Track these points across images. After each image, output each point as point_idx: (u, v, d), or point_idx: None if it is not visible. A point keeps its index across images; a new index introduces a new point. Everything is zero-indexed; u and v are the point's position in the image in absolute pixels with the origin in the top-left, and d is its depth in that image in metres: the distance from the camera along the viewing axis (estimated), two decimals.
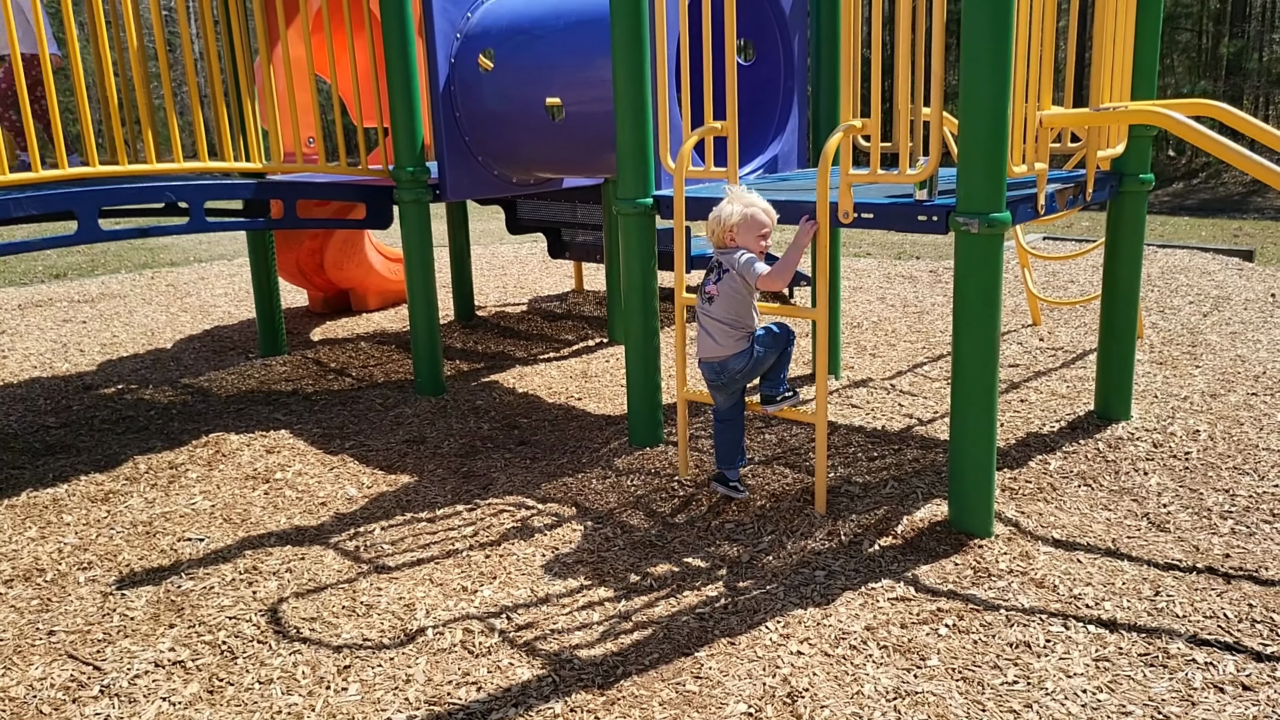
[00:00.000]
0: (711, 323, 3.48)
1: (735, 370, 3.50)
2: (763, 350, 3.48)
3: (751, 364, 3.48)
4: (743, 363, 3.48)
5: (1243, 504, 3.51)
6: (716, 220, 3.42)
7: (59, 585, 3.21)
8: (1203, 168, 21.99)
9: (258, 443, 4.47)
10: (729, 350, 3.47)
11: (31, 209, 3.94)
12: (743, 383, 3.57)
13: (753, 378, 3.56)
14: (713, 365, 3.53)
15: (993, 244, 3.07)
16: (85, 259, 10.88)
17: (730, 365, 3.49)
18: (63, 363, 6.21)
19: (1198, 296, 6.90)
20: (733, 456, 3.66)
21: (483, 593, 3.06)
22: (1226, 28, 23.59)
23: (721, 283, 3.44)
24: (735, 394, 3.62)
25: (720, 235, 3.43)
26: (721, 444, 3.67)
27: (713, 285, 3.47)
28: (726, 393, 3.61)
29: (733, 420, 3.64)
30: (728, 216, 3.39)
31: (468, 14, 5.03)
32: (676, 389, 3.88)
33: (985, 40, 2.92)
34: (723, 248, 3.45)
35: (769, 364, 3.53)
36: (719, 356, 3.49)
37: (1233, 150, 3.09)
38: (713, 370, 3.54)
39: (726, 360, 3.49)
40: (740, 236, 3.39)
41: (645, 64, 3.86)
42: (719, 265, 3.46)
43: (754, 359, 3.47)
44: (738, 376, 3.52)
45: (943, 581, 3.01)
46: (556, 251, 7.27)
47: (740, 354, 3.47)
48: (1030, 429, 4.34)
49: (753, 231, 3.38)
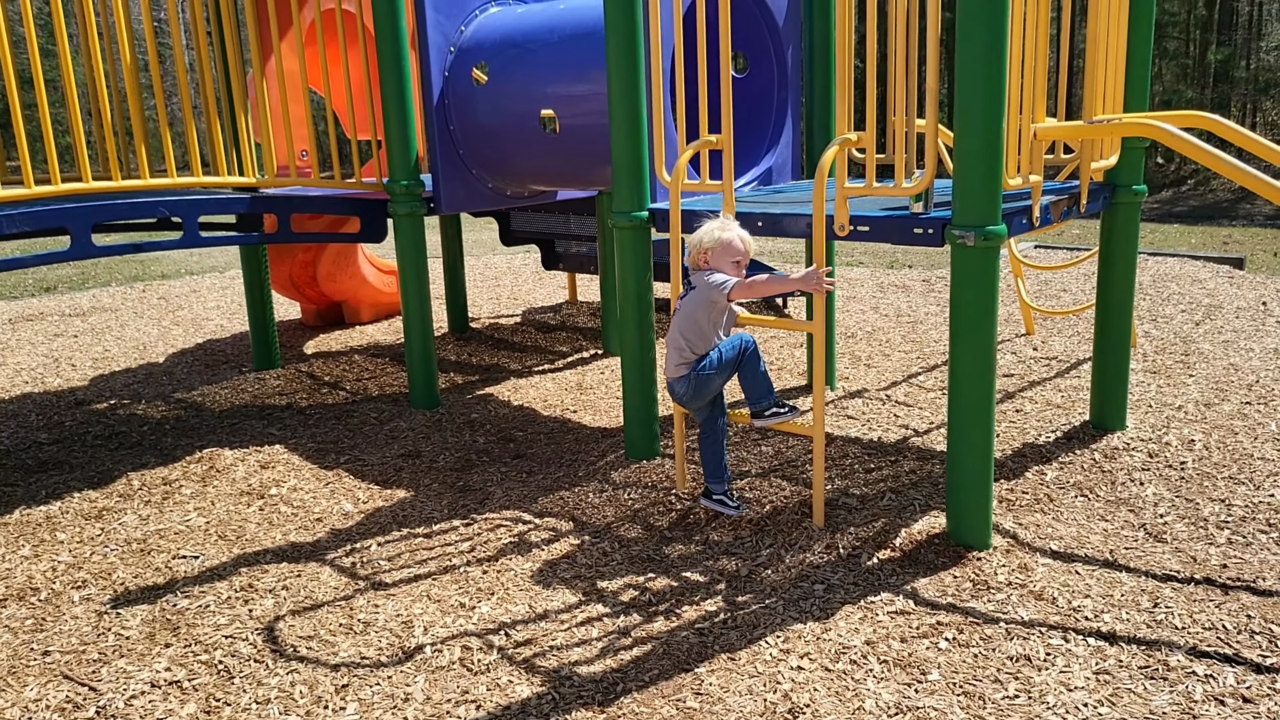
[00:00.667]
0: (670, 337, 3.55)
1: (679, 393, 3.57)
2: (708, 372, 3.47)
3: (692, 389, 3.51)
4: (683, 387, 3.53)
5: (1239, 514, 3.52)
6: (693, 243, 3.47)
7: (53, 604, 3.18)
8: (1191, 175, 22.11)
9: (252, 458, 4.45)
10: (671, 374, 3.55)
11: (25, 226, 3.93)
12: (693, 404, 3.59)
13: (700, 400, 3.56)
14: (668, 383, 3.61)
15: (989, 256, 3.08)
16: (76, 272, 10.85)
17: (674, 388, 3.57)
18: (54, 378, 6.17)
19: (1190, 305, 6.93)
20: (714, 470, 3.62)
21: (481, 609, 3.04)
22: (1214, 36, 23.75)
23: (685, 299, 3.49)
24: (703, 409, 3.61)
25: (694, 257, 3.47)
26: (703, 457, 3.65)
27: (679, 300, 3.55)
28: (691, 408, 3.64)
29: (709, 434, 3.62)
30: (702, 237, 3.43)
31: (461, 27, 5.03)
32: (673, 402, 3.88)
33: (980, 53, 2.93)
34: (697, 269, 3.48)
35: (720, 383, 3.53)
36: (668, 375, 3.58)
37: (1226, 162, 3.11)
38: (668, 387, 3.62)
39: (671, 383, 3.57)
40: (714, 259, 3.42)
41: (640, 77, 3.87)
42: (688, 284, 3.51)
43: (693, 384, 3.50)
44: (684, 398, 3.57)
45: (942, 594, 3.00)
46: (550, 263, 7.27)
47: (680, 379, 3.53)
48: (1026, 439, 4.34)
49: (727, 257, 3.40)
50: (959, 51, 2.98)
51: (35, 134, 14.20)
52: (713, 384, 3.52)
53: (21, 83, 4.07)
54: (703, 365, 3.47)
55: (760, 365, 3.51)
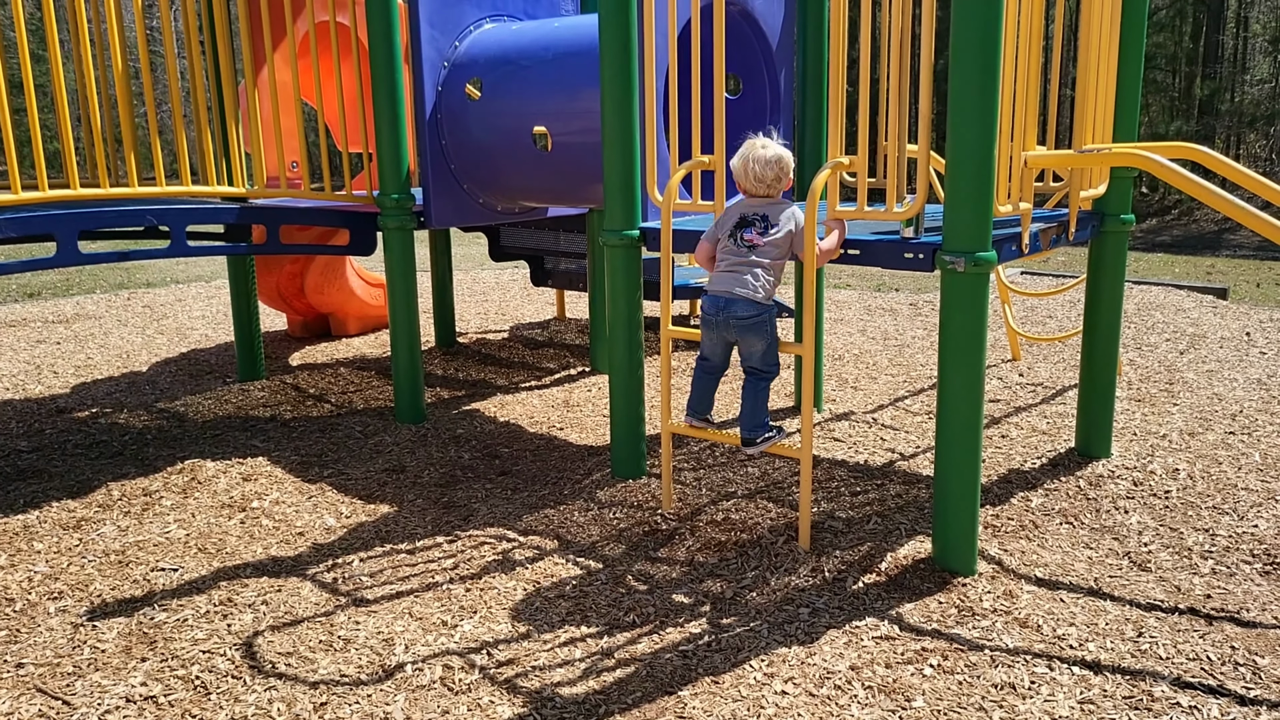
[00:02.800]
0: (742, 263, 3.34)
1: (740, 316, 3.33)
2: (768, 325, 3.36)
3: (752, 326, 3.33)
4: (749, 311, 3.32)
5: (1223, 544, 3.52)
6: (770, 163, 3.29)
7: (28, 615, 3.13)
8: (1175, 205, 22.31)
9: (234, 470, 4.41)
10: (748, 293, 3.31)
11: (10, 231, 3.89)
12: (730, 337, 3.44)
13: (741, 340, 3.40)
14: (719, 299, 3.37)
15: (978, 282, 3.08)
16: (60, 279, 10.77)
17: (737, 310, 3.33)
18: (36, 385, 6.11)
19: (1174, 334, 6.97)
20: (701, 404, 3.62)
21: (463, 627, 3.01)
22: (1199, 69, 24.02)
23: (769, 236, 3.32)
24: (720, 344, 3.51)
25: (775, 185, 3.32)
26: (694, 386, 3.62)
27: (757, 235, 3.33)
28: (716, 339, 3.49)
29: (708, 370, 3.58)
30: (781, 156, 3.29)
31: (456, 42, 5.04)
32: (661, 421, 3.86)
33: (972, 81, 2.95)
34: (766, 198, 3.35)
35: (765, 341, 3.39)
36: (730, 292, 3.34)
37: (1213, 193, 3.13)
38: (716, 304, 3.39)
39: (737, 304, 3.33)
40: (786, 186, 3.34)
41: (634, 97, 3.88)
42: (764, 218, 3.33)
43: (756, 326, 3.34)
44: (733, 324, 3.36)
45: (927, 620, 2.99)
46: (539, 279, 7.26)
47: (755, 303, 3.32)
48: (1012, 465, 4.35)
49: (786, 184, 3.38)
50: (952, 79, 3.00)
51: (24, 139, 14.09)
52: (765, 336, 3.37)
53: (11, 87, 4.04)
54: (773, 311, 3.37)
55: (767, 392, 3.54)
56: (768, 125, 4.89)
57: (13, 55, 18.16)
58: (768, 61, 4.81)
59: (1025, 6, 3.22)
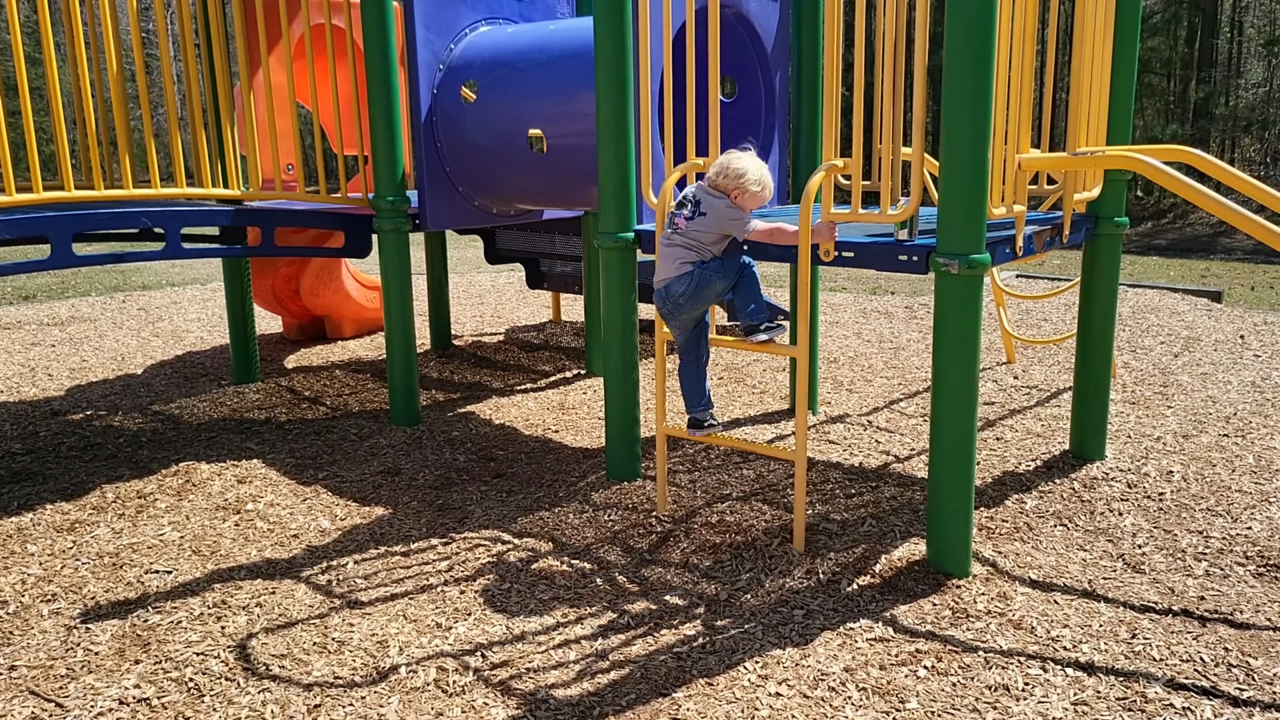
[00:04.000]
0: (668, 249, 3.50)
1: (677, 294, 3.47)
2: (709, 275, 3.44)
3: (691, 288, 3.44)
4: (682, 285, 3.45)
5: (1216, 546, 3.53)
6: (729, 171, 3.39)
7: (21, 618, 3.13)
8: (1170, 208, 22.37)
9: (229, 472, 4.40)
10: (674, 272, 3.47)
11: (4, 233, 3.89)
12: (689, 310, 3.52)
13: (698, 306, 3.51)
14: (659, 291, 3.53)
15: (972, 284, 3.09)
16: (55, 281, 10.75)
17: (672, 288, 3.48)
18: (30, 387, 6.10)
19: (1168, 337, 6.98)
20: (695, 398, 3.64)
21: (457, 629, 3.01)
22: (1194, 73, 24.09)
23: (695, 221, 3.44)
24: (687, 328, 3.60)
25: (723, 182, 3.40)
26: (683, 384, 3.65)
27: (684, 221, 3.46)
28: (678, 325, 3.60)
29: (692, 360, 3.63)
30: (745, 171, 3.38)
31: (451, 45, 5.04)
32: (656, 423, 3.87)
33: (967, 84, 2.95)
34: (714, 192, 3.43)
35: (718, 290, 3.47)
36: (664, 279, 3.50)
37: (1208, 196, 3.14)
38: (659, 297, 3.55)
39: (670, 282, 3.49)
40: (745, 199, 3.41)
41: (629, 99, 3.88)
42: (697, 204, 3.45)
43: (694, 282, 3.43)
44: (681, 301, 3.48)
45: (921, 622, 3.00)
46: (535, 282, 7.27)
47: (682, 276, 3.45)
48: (1006, 468, 4.35)
49: (755, 203, 3.44)
50: (946, 82, 3.00)
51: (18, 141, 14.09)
52: (712, 287, 3.45)
53: (6, 90, 4.03)
54: (707, 265, 3.44)
55: (758, 285, 3.50)
56: (761, 127, 4.90)
57: (8, 58, 18.14)
58: (763, 64, 4.81)
59: (1019, 9, 3.23)
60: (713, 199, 3.43)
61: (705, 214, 3.44)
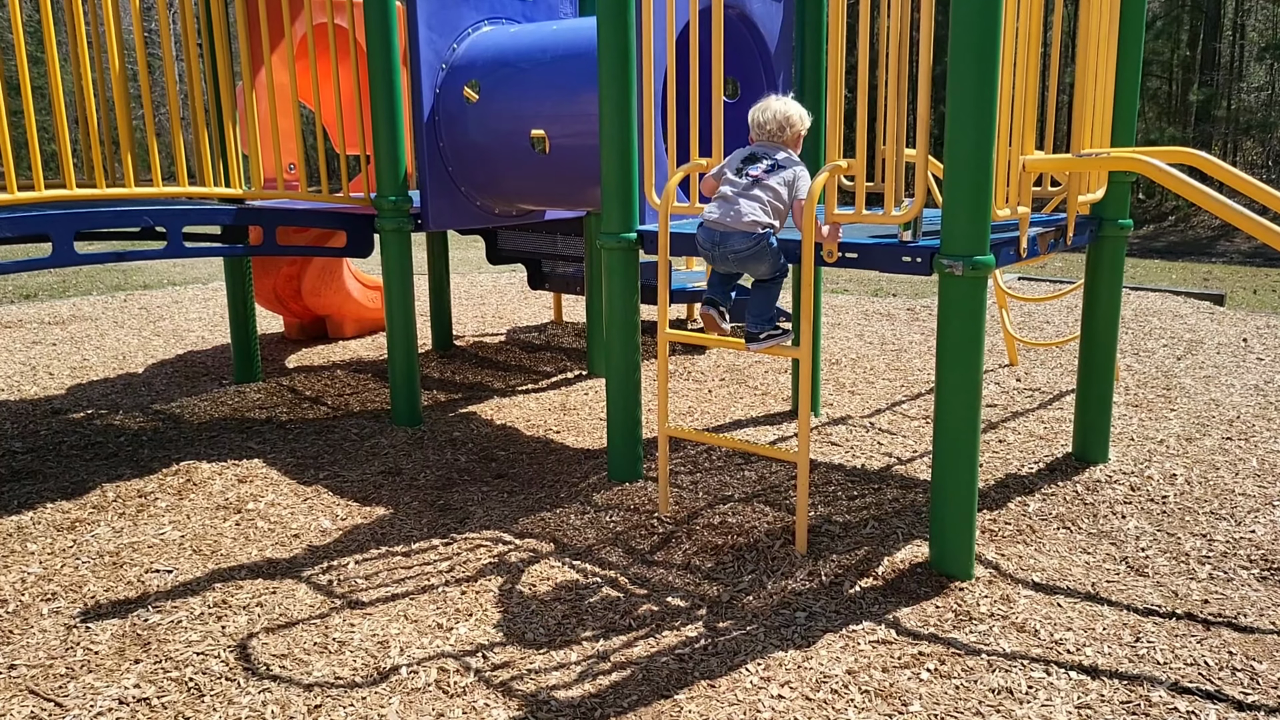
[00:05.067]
0: (739, 195, 3.36)
1: (731, 250, 3.36)
2: (773, 249, 3.35)
3: (752, 252, 3.34)
4: (745, 245, 3.34)
5: (1220, 549, 3.52)
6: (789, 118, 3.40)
7: (21, 617, 3.12)
8: (1172, 211, 22.35)
9: (230, 472, 4.39)
10: (741, 226, 3.33)
11: (6, 231, 3.88)
12: (733, 267, 3.46)
13: (742, 269, 3.44)
14: (715, 233, 3.40)
15: (976, 286, 3.08)
16: (56, 280, 10.75)
17: (732, 242, 3.36)
18: (31, 386, 6.10)
19: (1171, 340, 6.97)
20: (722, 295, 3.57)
21: (458, 630, 3.00)
22: (1195, 76, 24.08)
23: (774, 175, 3.36)
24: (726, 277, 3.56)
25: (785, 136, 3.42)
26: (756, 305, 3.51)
27: (762, 172, 3.36)
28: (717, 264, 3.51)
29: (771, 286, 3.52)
30: (801, 114, 3.42)
31: (454, 45, 5.03)
32: (658, 424, 3.86)
33: (971, 85, 2.94)
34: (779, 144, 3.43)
35: (767, 268, 3.39)
36: (725, 226, 3.37)
37: (1214, 199, 3.13)
38: (711, 238, 3.42)
39: (732, 235, 3.35)
40: (798, 146, 3.45)
41: (632, 99, 3.87)
42: (775, 164, 3.37)
43: (757, 249, 3.33)
44: (731, 258, 3.39)
45: (924, 624, 2.98)
46: (536, 283, 7.26)
47: (749, 234, 3.33)
48: (1009, 470, 4.34)
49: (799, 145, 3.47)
50: (951, 83, 3.00)
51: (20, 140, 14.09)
52: (765, 263, 3.37)
53: (8, 89, 4.02)
54: (773, 239, 3.36)
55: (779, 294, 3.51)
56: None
57: (10, 56, 18.16)
58: (766, 65, 4.80)
59: (1024, 11, 3.22)
60: (788, 158, 3.39)
61: (784, 168, 3.36)
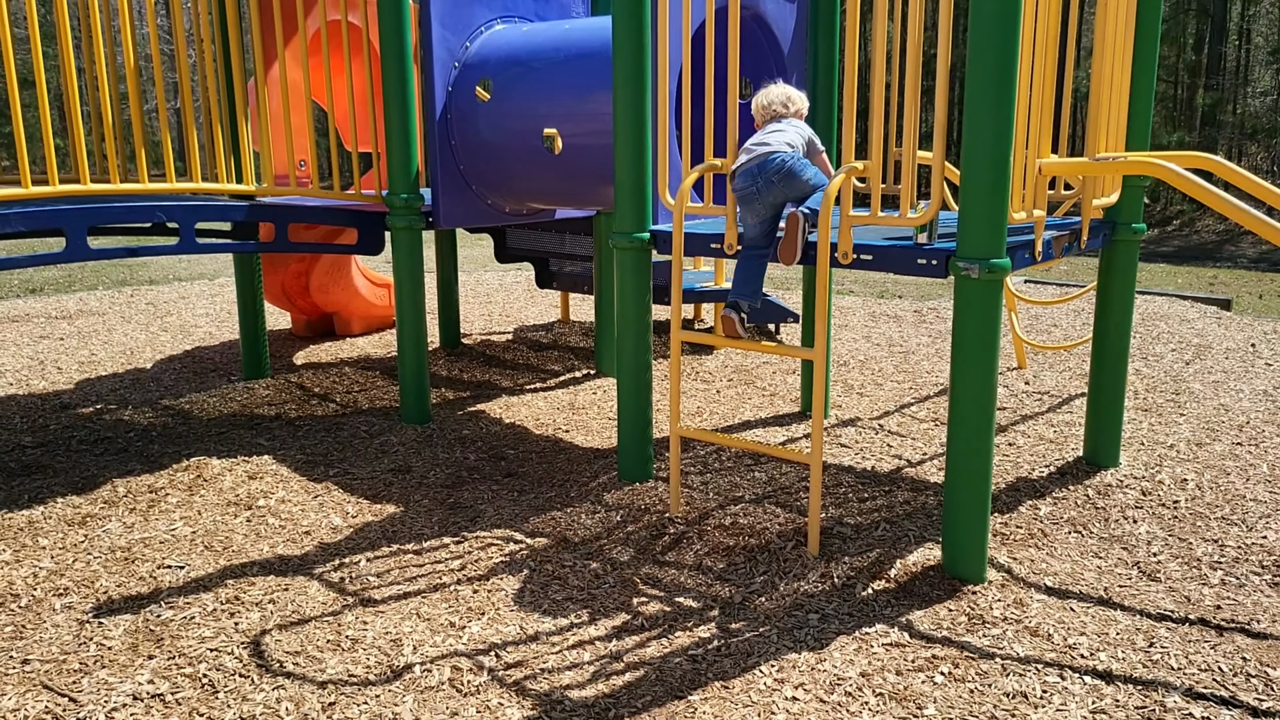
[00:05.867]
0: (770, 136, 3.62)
1: (777, 164, 3.51)
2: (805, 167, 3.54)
3: (793, 163, 3.52)
4: (784, 159, 3.52)
5: (1232, 555, 3.51)
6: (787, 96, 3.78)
7: (34, 612, 3.12)
8: (1177, 215, 22.32)
9: (240, 468, 4.39)
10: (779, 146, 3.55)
11: (19, 226, 3.88)
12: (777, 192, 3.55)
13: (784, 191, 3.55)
14: (752, 166, 3.55)
15: (992, 289, 3.08)
16: (63, 275, 10.75)
17: (772, 163, 3.52)
18: (40, 380, 6.10)
19: (1179, 344, 6.96)
20: (750, 289, 3.70)
21: (471, 629, 3.00)
22: (1202, 80, 24.05)
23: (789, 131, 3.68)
24: (765, 215, 3.63)
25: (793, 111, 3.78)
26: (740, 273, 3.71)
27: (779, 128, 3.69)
28: (758, 211, 3.62)
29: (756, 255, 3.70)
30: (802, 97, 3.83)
31: (466, 43, 5.03)
32: (670, 424, 3.85)
33: (989, 88, 2.94)
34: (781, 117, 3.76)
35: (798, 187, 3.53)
36: (760, 155, 3.54)
37: (1231, 204, 3.12)
38: (749, 172, 3.56)
39: (768, 158, 3.53)
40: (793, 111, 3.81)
41: (646, 99, 3.87)
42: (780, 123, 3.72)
43: (796, 161, 3.53)
44: (774, 180, 3.51)
45: (937, 628, 2.98)
46: (544, 281, 7.26)
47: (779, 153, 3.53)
48: (1020, 474, 4.34)
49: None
50: (968, 87, 2.99)
51: (34, 135, 14.09)
52: (802, 175, 3.52)
53: (23, 84, 4.02)
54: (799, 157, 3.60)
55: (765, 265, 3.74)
56: None
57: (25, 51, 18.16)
58: (779, 66, 4.80)
59: (1041, 14, 3.22)
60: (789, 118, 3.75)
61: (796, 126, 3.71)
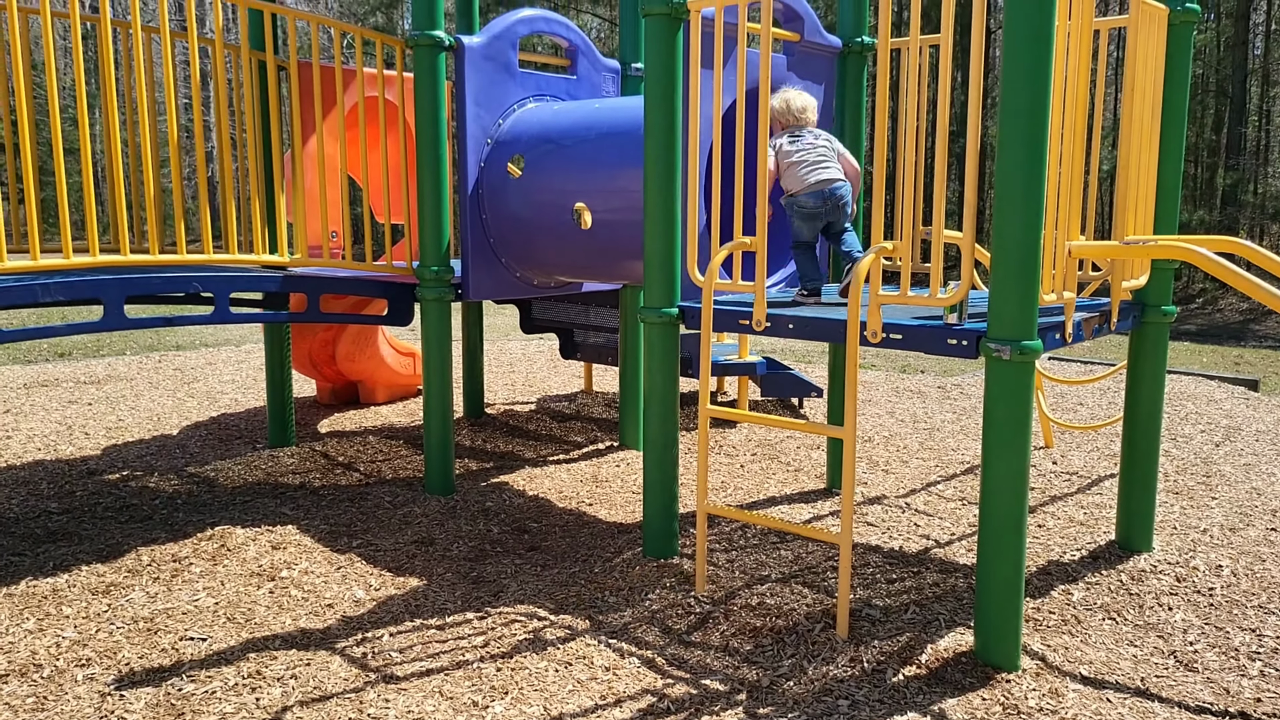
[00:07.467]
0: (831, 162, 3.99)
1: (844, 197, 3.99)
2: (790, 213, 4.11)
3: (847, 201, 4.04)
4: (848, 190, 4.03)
5: (1270, 644, 3.43)
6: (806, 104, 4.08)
7: (55, 683, 3.10)
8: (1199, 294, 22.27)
9: (264, 537, 4.39)
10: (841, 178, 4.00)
11: (59, 295, 3.95)
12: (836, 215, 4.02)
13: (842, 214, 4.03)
14: (823, 192, 3.95)
15: (1024, 371, 3.07)
16: (92, 340, 10.88)
17: (842, 190, 3.98)
18: (67, 445, 6.14)
19: (1208, 425, 6.89)
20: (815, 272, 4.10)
21: (494, 709, 2.95)
22: (1222, 160, 24.20)
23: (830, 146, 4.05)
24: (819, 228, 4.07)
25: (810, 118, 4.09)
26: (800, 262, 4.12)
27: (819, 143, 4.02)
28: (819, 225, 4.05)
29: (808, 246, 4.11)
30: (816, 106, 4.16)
31: (499, 120, 5.14)
32: (697, 501, 3.83)
33: (1019, 171, 2.97)
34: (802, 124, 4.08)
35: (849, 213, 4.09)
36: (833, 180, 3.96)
37: (1265, 290, 3.12)
38: (821, 196, 3.96)
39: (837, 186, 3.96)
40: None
41: (677, 178, 3.93)
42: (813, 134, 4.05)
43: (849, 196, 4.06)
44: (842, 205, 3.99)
45: (971, 717, 2.91)
46: (568, 352, 7.29)
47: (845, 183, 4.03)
48: (1051, 557, 4.27)
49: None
50: (999, 168, 3.02)
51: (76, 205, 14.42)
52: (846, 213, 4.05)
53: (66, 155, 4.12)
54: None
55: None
56: None
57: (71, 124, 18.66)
58: None
59: (1070, 97, 3.26)
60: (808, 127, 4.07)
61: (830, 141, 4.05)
